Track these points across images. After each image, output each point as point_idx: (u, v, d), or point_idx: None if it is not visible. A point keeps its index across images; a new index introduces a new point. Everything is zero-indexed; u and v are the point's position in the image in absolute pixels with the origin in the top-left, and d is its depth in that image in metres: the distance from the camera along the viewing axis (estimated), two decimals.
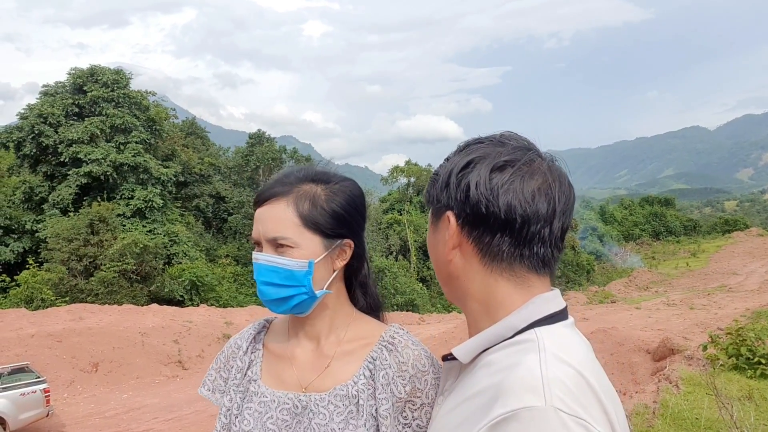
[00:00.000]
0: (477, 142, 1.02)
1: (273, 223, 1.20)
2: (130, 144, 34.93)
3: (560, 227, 0.97)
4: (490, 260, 0.96)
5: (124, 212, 33.45)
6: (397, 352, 1.23)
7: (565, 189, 0.97)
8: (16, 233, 32.56)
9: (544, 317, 0.94)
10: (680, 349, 9.76)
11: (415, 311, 30.70)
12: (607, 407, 0.84)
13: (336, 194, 1.26)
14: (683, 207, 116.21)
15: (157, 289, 29.23)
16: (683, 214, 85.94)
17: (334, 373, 1.25)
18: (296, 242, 1.20)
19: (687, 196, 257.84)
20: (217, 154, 47.90)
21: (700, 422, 5.76)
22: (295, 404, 1.22)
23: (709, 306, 20.20)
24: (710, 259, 47.30)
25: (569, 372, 0.84)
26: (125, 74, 37.19)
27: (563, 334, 0.93)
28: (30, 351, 13.69)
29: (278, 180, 1.26)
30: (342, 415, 1.19)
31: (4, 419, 9.11)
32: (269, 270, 1.20)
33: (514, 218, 0.93)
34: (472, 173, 0.96)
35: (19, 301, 25.19)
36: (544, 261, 0.97)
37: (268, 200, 1.22)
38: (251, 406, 1.25)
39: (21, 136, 33.94)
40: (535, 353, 0.86)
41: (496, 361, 0.91)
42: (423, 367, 1.21)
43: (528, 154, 0.98)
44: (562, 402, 0.79)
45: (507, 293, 0.96)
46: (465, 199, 0.96)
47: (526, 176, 0.94)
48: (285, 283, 1.20)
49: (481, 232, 0.96)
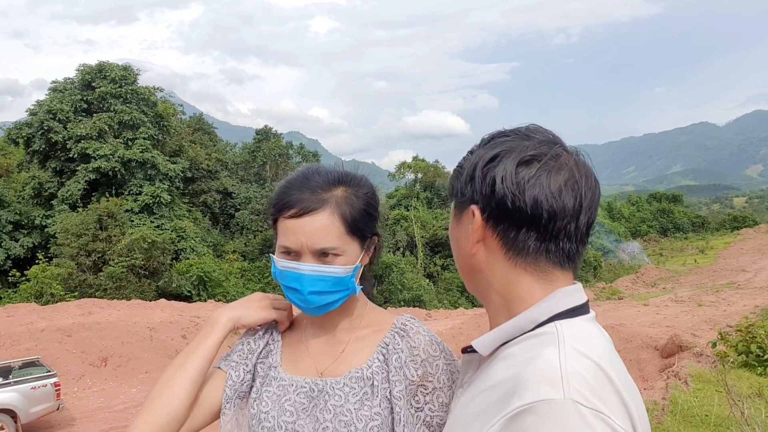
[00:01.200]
0: (502, 135, 1.02)
1: (321, 235, 1.21)
2: (138, 140, 35.08)
3: (586, 222, 0.96)
4: (514, 254, 0.96)
5: (132, 208, 33.62)
6: (408, 338, 1.27)
7: (591, 184, 0.97)
8: (25, 228, 32.78)
9: (564, 311, 0.94)
10: (689, 346, 9.74)
11: (422, 307, 30.71)
12: (626, 401, 0.83)
13: (364, 195, 1.29)
14: (691, 203, 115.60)
15: (165, 285, 29.37)
16: (691, 211, 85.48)
17: (348, 359, 1.29)
18: (343, 249, 1.23)
19: (695, 192, 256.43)
20: (224, 150, 48.02)
21: (710, 419, 5.74)
22: (312, 388, 1.26)
23: (718, 303, 20.10)
24: (718, 256, 47.05)
25: (588, 365, 0.83)
26: (133, 70, 37.33)
27: (583, 327, 0.93)
28: (40, 345, 13.79)
29: (304, 186, 1.25)
30: (357, 396, 1.23)
31: (16, 412, 9.18)
32: (317, 279, 1.22)
33: (540, 213, 0.92)
34: (498, 167, 0.95)
35: (29, 295, 25.40)
36: (569, 256, 0.96)
37: (308, 212, 1.21)
38: (270, 390, 1.29)
39: (30, 132, 34.15)
40: (554, 346, 0.86)
41: (516, 353, 0.92)
42: (434, 352, 1.25)
43: (554, 148, 0.97)
44: (581, 395, 0.78)
45: (529, 287, 0.96)
46: (491, 193, 0.95)
47: (553, 171, 0.94)
48: (333, 289, 1.24)
49: (507, 226, 0.95)
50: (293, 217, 1.22)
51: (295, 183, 1.26)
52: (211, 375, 1.33)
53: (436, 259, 44.14)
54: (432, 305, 33.87)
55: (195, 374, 1.25)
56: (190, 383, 1.23)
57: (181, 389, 1.22)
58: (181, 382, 1.23)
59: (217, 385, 1.31)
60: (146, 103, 37.00)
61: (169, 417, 1.20)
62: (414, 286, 35.56)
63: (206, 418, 1.29)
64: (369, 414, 1.21)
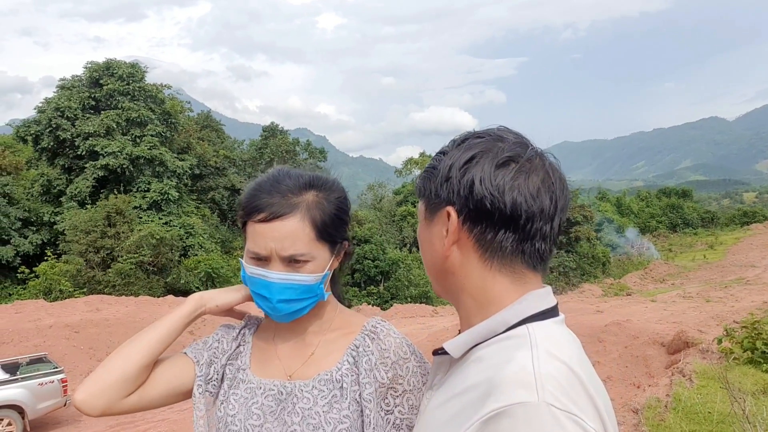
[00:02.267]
0: (475, 137, 1.02)
1: (290, 241, 1.19)
2: (146, 137, 35.21)
3: (558, 224, 0.97)
4: (490, 256, 0.96)
5: (141, 205, 33.77)
6: (379, 340, 1.25)
7: (563, 185, 0.99)
8: (34, 225, 33.01)
9: (536, 313, 0.94)
10: (695, 343, 9.69)
11: (429, 303, 30.67)
12: (597, 402, 0.84)
13: (335, 199, 1.27)
14: (701, 199, 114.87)
15: (173, 281, 29.51)
16: (701, 206, 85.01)
17: (317, 361, 1.28)
18: (313, 256, 1.22)
19: (705, 187, 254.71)
20: (232, 147, 48.14)
21: (713, 416, 5.72)
22: (280, 390, 1.25)
23: (726, 299, 19.98)
24: (728, 252, 46.76)
25: (561, 368, 0.84)
26: (141, 68, 37.45)
27: (554, 330, 0.94)
28: (48, 341, 13.90)
29: (274, 189, 1.23)
30: (326, 398, 1.22)
31: (23, 408, 9.27)
32: (286, 288, 1.21)
33: (519, 214, 0.93)
34: (475, 168, 0.95)
35: (38, 292, 25.58)
36: (542, 257, 0.98)
37: (277, 217, 1.19)
38: (237, 392, 1.28)
39: (39, 129, 34.36)
40: (527, 349, 0.87)
41: (488, 356, 0.92)
42: (404, 354, 1.24)
43: (528, 150, 0.98)
44: (554, 398, 0.79)
45: (503, 289, 0.97)
46: (468, 194, 0.95)
47: (530, 173, 0.95)
48: (301, 297, 1.23)
49: (484, 227, 0.95)
50: (262, 221, 1.20)
51: (265, 186, 1.24)
52: (176, 356, 1.32)
53: None
54: (439, 302, 33.85)
55: (153, 341, 1.24)
56: (147, 348, 1.23)
57: (137, 352, 1.22)
58: (139, 346, 1.23)
59: (180, 368, 1.30)
60: (154, 101, 37.13)
61: (121, 377, 1.20)
62: (421, 282, 35.54)
63: (161, 395, 1.27)
64: (338, 417, 1.20)
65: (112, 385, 1.19)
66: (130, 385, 1.21)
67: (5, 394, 9.17)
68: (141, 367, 1.22)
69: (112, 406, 1.20)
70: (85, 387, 1.19)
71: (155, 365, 1.27)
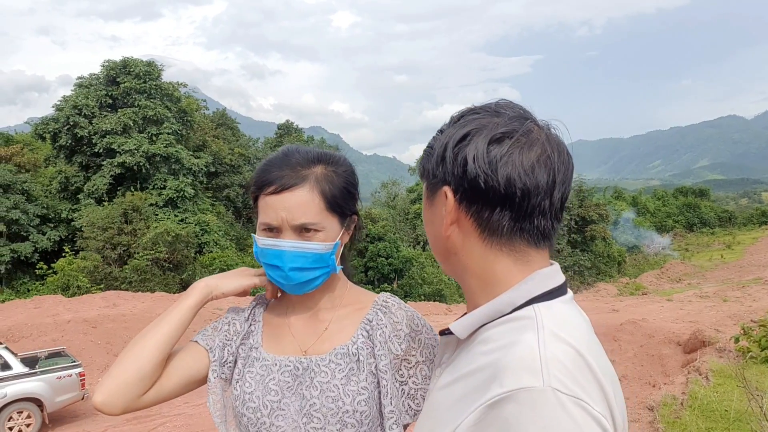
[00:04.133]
0: (472, 113, 0.99)
1: (300, 210, 1.22)
2: (162, 135, 35.48)
3: (560, 198, 0.94)
4: (489, 235, 0.94)
5: (157, 202, 34.04)
6: (391, 314, 1.29)
7: (564, 158, 0.95)
8: (52, 222, 33.41)
9: (543, 293, 0.93)
10: (712, 342, 9.60)
11: (443, 301, 30.65)
12: (605, 387, 0.83)
13: (343, 173, 1.30)
14: (718, 198, 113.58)
15: (189, 277, 29.72)
16: (718, 206, 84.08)
17: (332, 336, 1.30)
18: (323, 225, 1.24)
19: (722, 187, 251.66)
20: (246, 145, 48.35)
21: (729, 414, 5.67)
22: (296, 366, 1.27)
23: (743, 298, 19.74)
24: (746, 251, 46.21)
25: (567, 351, 0.82)
26: (157, 66, 37.72)
27: (562, 310, 0.92)
28: (66, 336, 14.07)
29: (284, 164, 1.26)
30: (344, 372, 1.24)
31: (42, 401, 9.39)
32: (297, 255, 1.24)
33: (513, 192, 0.90)
34: (469, 146, 0.93)
35: (56, 288, 25.90)
36: (543, 233, 0.95)
37: (288, 188, 1.23)
38: (253, 371, 1.30)
39: (57, 127, 34.75)
40: (533, 331, 0.85)
41: (494, 337, 0.90)
42: (416, 327, 1.28)
43: (525, 123, 0.94)
44: (560, 382, 0.78)
45: (506, 268, 0.95)
46: (462, 173, 0.93)
47: (525, 147, 0.91)
48: (313, 266, 1.25)
49: (480, 206, 0.93)
50: (273, 193, 1.24)
51: (275, 161, 1.28)
52: (188, 347, 1.35)
53: None
54: (453, 300, 33.79)
55: (166, 335, 1.26)
56: (161, 343, 1.24)
57: (151, 348, 1.23)
58: (152, 342, 1.24)
59: (194, 357, 1.32)
60: (170, 99, 37.40)
61: (137, 375, 1.21)
62: (434, 280, 35.49)
63: (177, 387, 1.29)
64: (356, 389, 1.23)
65: (129, 384, 1.20)
66: (147, 382, 1.23)
67: (24, 388, 9.30)
68: (156, 364, 1.23)
69: (132, 404, 1.22)
70: (103, 388, 1.20)
71: (168, 357, 1.29)
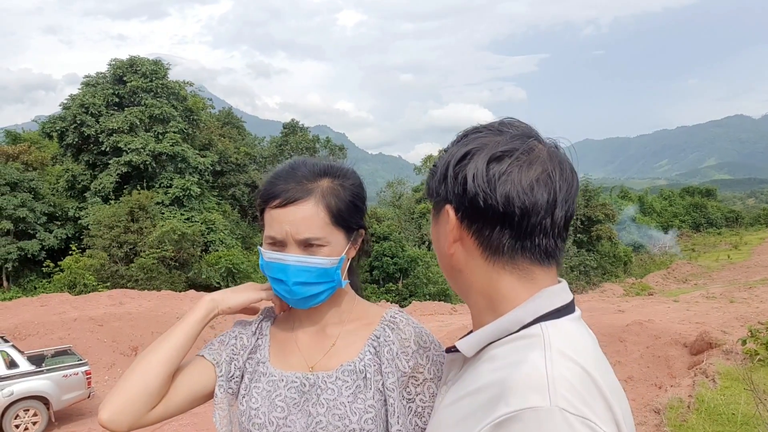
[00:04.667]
0: (475, 132, 0.99)
1: (305, 224, 1.21)
2: (169, 134, 35.60)
3: (563, 216, 0.93)
4: (491, 253, 0.94)
5: (163, 200, 34.18)
6: (399, 330, 1.28)
7: (566, 176, 0.94)
8: (59, 220, 33.58)
9: (550, 311, 0.92)
10: (718, 343, 9.55)
11: (447, 301, 30.61)
12: (612, 405, 0.82)
13: (350, 187, 1.29)
14: (725, 198, 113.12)
15: (195, 276, 29.81)
16: (725, 206, 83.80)
17: (339, 352, 1.29)
18: (328, 240, 1.23)
19: (730, 186, 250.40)
20: (252, 144, 48.44)
21: (737, 418, 5.64)
22: (303, 382, 1.26)
23: (751, 299, 19.63)
24: (753, 252, 46.00)
25: (575, 370, 0.82)
26: (163, 65, 37.86)
27: (569, 328, 0.91)
28: (72, 334, 14.12)
29: (290, 177, 1.26)
30: (350, 389, 1.24)
31: (48, 399, 9.43)
32: (301, 270, 1.22)
33: (512, 210, 0.90)
34: (469, 165, 0.93)
35: (63, 285, 26.02)
36: (547, 252, 0.94)
37: (292, 202, 1.22)
38: (259, 386, 1.29)
39: (64, 125, 34.93)
40: (540, 350, 0.84)
41: (501, 355, 0.90)
42: (424, 343, 1.27)
43: (527, 141, 0.94)
44: (568, 402, 0.77)
45: (511, 287, 0.94)
46: (463, 192, 0.93)
47: (524, 165, 0.91)
48: (317, 280, 1.24)
49: (481, 225, 0.93)
50: (278, 206, 1.23)
51: (281, 174, 1.27)
52: (194, 361, 1.33)
53: None
54: (458, 300, 33.73)
55: (172, 350, 1.25)
56: (167, 359, 1.24)
57: (157, 364, 1.23)
58: (158, 358, 1.23)
59: (201, 372, 1.31)
60: (176, 98, 37.52)
61: (144, 391, 1.20)
62: (439, 280, 35.44)
63: (185, 402, 1.28)
64: (363, 407, 1.22)
65: (135, 400, 1.19)
66: (154, 399, 1.22)
67: (31, 386, 9.35)
68: (163, 380, 1.23)
69: (138, 420, 1.20)
70: (109, 405, 1.18)
71: (175, 373, 1.28)
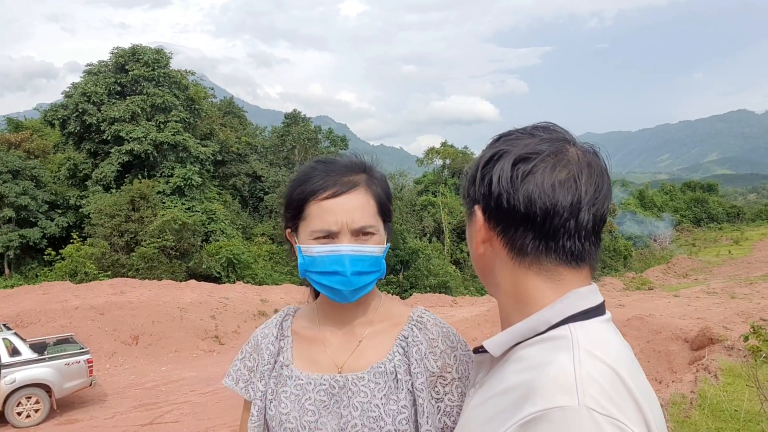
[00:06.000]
0: (508, 135, 1.00)
1: (359, 212, 1.22)
2: (170, 123, 35.54)
3: (590, 219, 0.92)
4: (517, 254, 0.94)
5: (164, 190, 34.17)
6: (426, 330, 1.28)
7: (595, 179, 0.93)
8: (61, 208, 33.60)
9: (578, 312, 0.91)
10: (720, 339, 9.55)
11: (448, 293, 30.68)
12: (642, 406, 0.81)
13: (382, 179, 1.32)
14: (727, 193, 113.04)
15: (195, 266, 29.84)
16: (726, 201, 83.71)
17: (367, 353, 1.28)
18: (377, 229, 1.25)
19: (731, 181, 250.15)
20: (253, 134, 48.38)
21: (740, 415, 5.64)
22: (332, 385, 1.25)
23: (752, 295, 19.63)
24: (754, 247, 46.01)
25: (603, 370, 0.81)
26: (165, 54, 37.74)
27: (598, 329, 0.91)
28: (74, 323, 14.17)
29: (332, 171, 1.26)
30: (383, 390, 1.23)
31: (50, 387, 9.47)
32: (358, 259, 1.22)
33: (534, 211, 0.90)
34: (496, 166, 0.95)
35: (64, 274, 26.05)
36: (573, 254, 0.93)
37: (345, 192, 1.23)
38: (287, 390, 1.28)
39: (66, 114, 34.87)
40: (568, 350, 0.84)
41: (529, 356, 0.90)
42: (452, 343, 1.27)
43: (556, 144, 0.95)
44: (596, 402, 0.76)
45: (537, 287, 0.94)
46: (488, 192, 0.95)
47: (549, 167, 0.92)
48: (371, 269, 1.24)
49: (506, 225, 0.94)
50: (330, 197, 1.22)
51: (319, 169, 1.28)
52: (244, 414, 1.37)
53: (463, 245, 43.93)
54: (458, 292, 33.82)
55: None
56: None
57: None
58: None
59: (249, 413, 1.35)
60: (178, 87, 37.41)
61: None
62: (440, 272, 35.52)
63: None
64: (396, 408, 1.21)
65: None
66: None
67: (33, 373, 9.38)
68: None
69: None
70: None
71: None
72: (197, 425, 9.08)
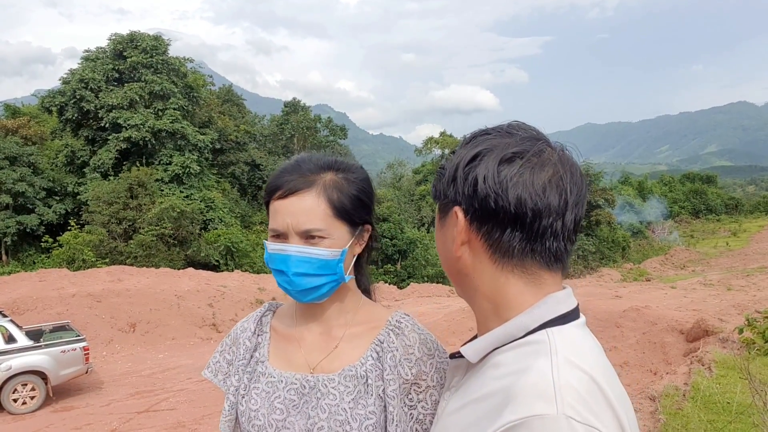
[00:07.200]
0: (484, 134, 0.99)
1: (305, 215, 1.21)
2: (168, 110, 35.39)
3: (573, 220, 0.93)
4: (500, 256, 0.93)
5: (162, 177, 34.09)
6: (403, 336, 1.25)
7: (576, 180, 0.93)
8: (58, 195, 33.54)
9: (556, 317, 0.91)
10: (715, 331, 9.59)
11: (446, 283, 30.70)
12: (618, 413, 0.82)
13: (355, 181, 1.28)
14: (726, 185, 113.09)
15: (194, 254, 29.85)
16: (725, 192, 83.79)
17: (341, 355, 1.27)
18: (329, 233, 1.22)
19: (730, 173, 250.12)
20: (252, 122, 48.22)
21: (732, 407, 5.66)
22: (303, 384, 1.25)
23: (748, 287, 19.68)
24: (751, 239, 46.12)
25: (581, 377, 0.82)
26: (164, 40, 37.50)
27: (575, 335, 0.91)
28: (71, 310, 14.19)
29: (294, 170, 1.26)
30: (351, 394, 1.22)
31: (46, 374, 9.50)
32: (302, 261, 1.21)
33: (524, 212, 0.89)
34: (479, 166, 0.93)
35: (61, 261, 26.08)
36: (556, 255, 0.94)
37: (294, 193, 1.22)
38: (258, 387, 1.28)
39: (63, 100, 34.70)
40: (546, 357, 0.84)
41: (506, 362, 0.89)
42: (429, 351, 1.25)
43: (537, 144, 0.94)
44: (574, 410, 0.77)
45: (518, 291, 0.94)
46: (473, 193, 0.93)
47: (536, 168, 0.91)
48: (318, 272, 1.22)
49: (491, 227, 0.92)
50: (280, 198, 1.23)
51: (288, 167, 1.28)
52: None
53: None
54: None
55: None
56: None
57: None
58: None
59: None
60: (177, 74, 37.21)
61: None
62: (438, 262, 35.49)
63: None
64: (364, 413, 1.20)
65: None
66: None
67: (29, 360, 9.41)
68: None
69: None
70: None
71: None
72: (193, 413, 9.12)
